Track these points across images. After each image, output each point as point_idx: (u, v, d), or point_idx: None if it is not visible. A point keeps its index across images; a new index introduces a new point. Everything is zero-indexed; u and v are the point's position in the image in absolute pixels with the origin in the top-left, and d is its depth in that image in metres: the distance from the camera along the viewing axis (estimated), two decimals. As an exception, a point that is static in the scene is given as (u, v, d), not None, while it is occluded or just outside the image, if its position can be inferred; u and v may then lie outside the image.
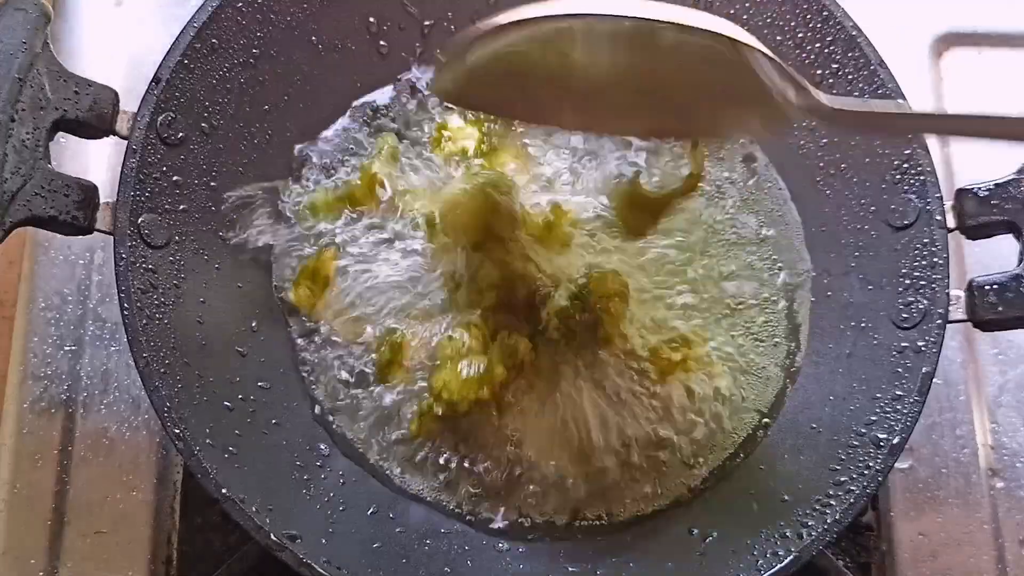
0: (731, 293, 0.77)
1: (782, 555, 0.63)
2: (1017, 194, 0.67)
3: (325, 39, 0.78)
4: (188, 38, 0.69)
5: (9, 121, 0.61)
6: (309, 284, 0.75)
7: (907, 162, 0.70)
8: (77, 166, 0.82)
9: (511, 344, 0.70)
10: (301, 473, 0.70)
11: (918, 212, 0.69)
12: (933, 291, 0.67)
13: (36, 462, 0.77)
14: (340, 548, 0.65)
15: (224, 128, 0.73)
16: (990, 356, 0.83)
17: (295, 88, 0.77)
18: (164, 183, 0.68)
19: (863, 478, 0.64)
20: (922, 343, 0.67)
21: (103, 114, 0.66)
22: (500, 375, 0.70)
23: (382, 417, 0.73)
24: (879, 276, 0.72)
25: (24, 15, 0.63)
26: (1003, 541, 0.78)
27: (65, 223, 0.64)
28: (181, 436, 0.62)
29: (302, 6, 0.75)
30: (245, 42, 0.73)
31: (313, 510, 0.68)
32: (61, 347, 0.80)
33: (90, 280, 0.82)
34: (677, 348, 0.74)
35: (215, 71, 0.71)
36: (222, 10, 0.70)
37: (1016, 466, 0.80)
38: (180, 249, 0.69)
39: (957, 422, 0.81)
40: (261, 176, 0.76)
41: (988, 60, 0.92)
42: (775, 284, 0.77)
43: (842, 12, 0.73)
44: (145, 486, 0.77)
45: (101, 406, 0.79)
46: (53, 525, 0.76)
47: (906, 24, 0.93)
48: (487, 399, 0.70)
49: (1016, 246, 0.67)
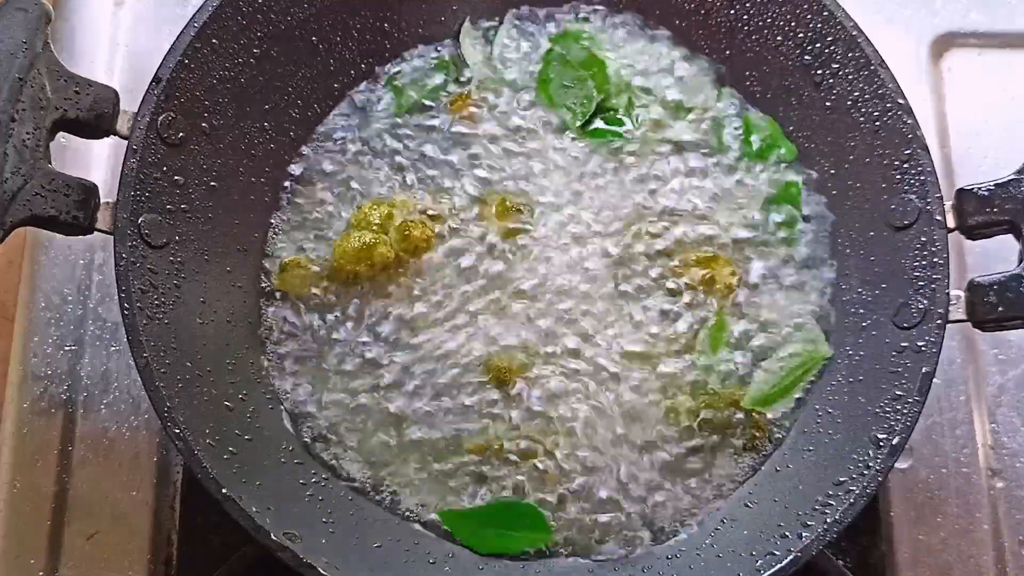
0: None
1: (781, 555, 0.63)
2: (1017, 194, 0.67)
3: (325, 39, 0.78)
4: (188, 38, 0.69)
5: (9, 121, 0.61)
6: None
7: (907, 162, 0.70)
8: (77, 166, 0.82)
9: (403, 226, 0.74)
10: (301, 473, 0.70)
11: (918, 212, 0.69)
12: (933, 291, 0.67)
13: (36, 462, 0.77)
14: (340, 548, 0.65)
15: (224, 128, 0.73)
16: (990, 356, 0.83)
17: (295, 88, 0.77)
18: (164, 183, 0.68)
19: (863, 478, 0.64)
20: (922, 343, 0.67)
21: (103, 114, 0.66)
22: (383, 254, 0.73)
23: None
24: (879, 276, 0.72)
25: (24, 15, 0.63)
26: (1003, 541, 0.78)
27: (65, 223, 0.64)
28: (181, 436, 0.62)
29: (302, 6, 0.75)
30: (245, 42, 0.73)
31: (313, 510, 0.68)
32: (61, 347, 0.80)
33: (90, 280, 0.82)
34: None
35: (215, 71, 0.71)
36: (222, 10, 0.70)
37: (1016, 466, 0.80)
38: (180, 249, 0.69)
39: (957, 422, 0.81)
40: (261, 176, 0.76)
41: (988, 60, 0.92)
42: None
43: (842, 12, 0.73)
44: (145, 486, 0.77)
45: (101, 406, 0.79)
46: (53, 525, 0.76)
47: (906, 24, 0.93)
48: (365, 273, 0.74)
49: (1016, 246, 0.67)
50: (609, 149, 0.79)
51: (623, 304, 0.75)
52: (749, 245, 0.77)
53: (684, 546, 0.70)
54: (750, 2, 0.78)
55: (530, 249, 0.76)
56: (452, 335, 0.74)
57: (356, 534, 0.68)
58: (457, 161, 0.79)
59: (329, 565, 0.61)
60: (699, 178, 0.79)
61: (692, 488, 0.72)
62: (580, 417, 0.73)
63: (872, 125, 0.72)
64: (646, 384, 0.74)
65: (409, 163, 0.79)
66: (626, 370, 0.74)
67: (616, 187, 0.78)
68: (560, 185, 0.78)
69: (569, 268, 0.76)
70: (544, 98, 0.80)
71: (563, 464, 0.72)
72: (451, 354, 0.74)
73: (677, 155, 0.79)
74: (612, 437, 0.73)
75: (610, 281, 0.76)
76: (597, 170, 0.79)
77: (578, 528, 0.71)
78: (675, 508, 0.72)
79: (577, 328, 0.74)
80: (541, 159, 0.79)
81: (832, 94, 0.75)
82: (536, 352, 0.74)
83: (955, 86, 0.91)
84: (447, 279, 0.75)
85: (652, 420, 0.73)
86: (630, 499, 0.72)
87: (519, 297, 0.75)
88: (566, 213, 0.77)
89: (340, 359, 0.74)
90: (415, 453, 0.72)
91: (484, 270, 0.76)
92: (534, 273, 0.76)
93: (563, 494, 0.71)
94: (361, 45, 0.80)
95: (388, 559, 0.68)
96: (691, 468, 0.73)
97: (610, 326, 0.75)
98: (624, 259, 0.76)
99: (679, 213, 0.78)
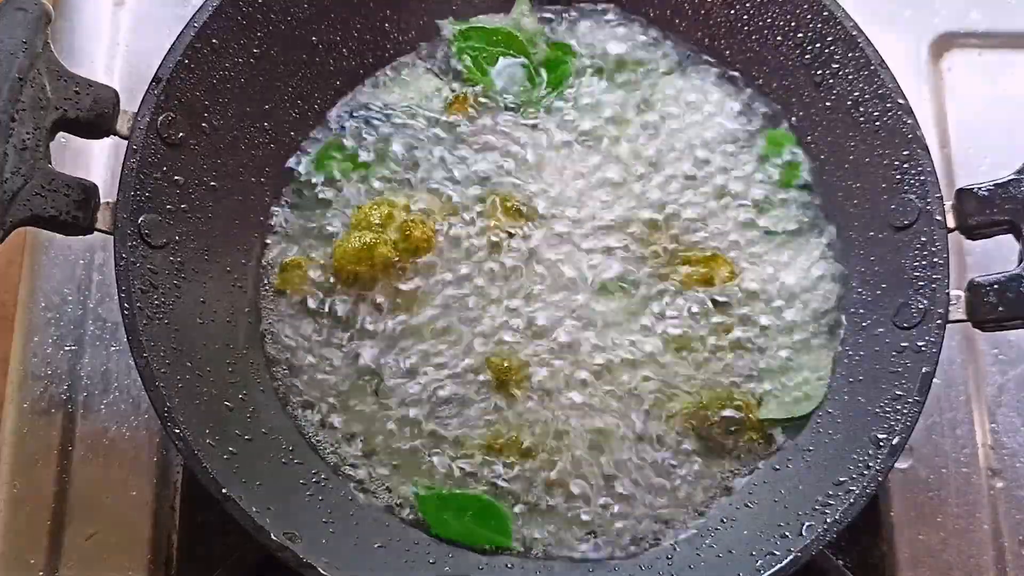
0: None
1: (781, 555, 0.63)
2: (1017, 194, 0.67)
3: (325, 39, 0.78)
4: (188, 38, 0.69)
5: (9, 121, 0.61)
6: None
7: (907, 162, 0.70)
8: (77, 166, 0.82)
9: (403, 226, 0.73)
10: (301, 473, 0.70)
11: (918, 212, 0.69)
12: (933, 291, 0.67)
13: (36, 462, 0.77)
14: (340, 548, 0.65)
15: (224, 128, 0.73)
16: (990, 356, 0.83)
17: (295, 88, 0.77)
18: (164, 183, 0.68)
19: (863, 478, 0.64)
20: (922, 343, 0.67)
21: (103, 114, 0.66)
22: (384, 254, 0.73)
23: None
24: (879, 276, 0.72)
25: (24, 15, 0.63)
26: (1003, 541, 0.78)
27: (65, 223, 0.64)
28: (181, 436, 0.62)
29: (302, 6, 0.75)
30: (245, 42, 0.73)
31: (313, 510, 0.68)
32: (61, 347, 0.80)
33: (90, 280, 0.82)
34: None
35: (215, 71, 0.71)
36: (223, 10, 0.70)
37: (1016, 466, 0.80)
38: (180, 249, 0.69)
39: (957, 422, 0.81)
40: (261, 176, 0.76)
41: (988, 60, 0.92)
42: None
43: (842, 12, 0.73)
44: (145, 486, 0.77)
45: (101, 406, 0.79)
46: (53, 525, 0.76)
47: (906, 24, 0.93)
48: (365, 273, 0.74)
49: (1016, 246, 0.67)
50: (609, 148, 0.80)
51: (623, 304, 0.75)
52: (749, 246, 0.77)
53: (684, 546, 0.70)
54: (750, 2, 0.78)
55: (531, 249, 0.76)
56: (452, 335, 0.74)
57: (356, 534, 0.68)
58: (458, 161, 0.79)
59: (329, 565, 0.61)
60: (701, 179, 0.79)
61: (692, 488, 0.72)
62: (578, 417, 0.73)
63: (872, 125, 0.72)
64: (645, 384, 0.74)
65: (410, 163, 0.79)
66: (625, 370, 0.74)
67: (617, 187, 0.78)
68: (560, 184, 0.78)
69: (569, 268, 0.76)
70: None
71: (562, 464, 0.72)
72: (452, 353, 0.74)
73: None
74: (611, 437, 0.72)
75: (610, 281, 0.76)
76: (598, 170, 0.79)
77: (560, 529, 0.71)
78: (675, 508, 0.72)
79: (577, 328, 0.74)
80: (541, 159, 0.79)
81: (832, 94, 0.75)
82: (536, 352, 0.74)
83: (955, 86, 0.91)
84: (447, 279, 0.75)
85: (651, 420, 0.73)
86: (630, 499, 0.72)
87: (519, 296, 0.75)
88: (566, 213, 0.77)
89: (340, 359, 0.74)
90: (415, 452, 0.72)
91: (484, 270, 0.76)
92: (534, 273, 0.76)
93: (556, 494, 0.71)
94: (361, 45, 0.80)
95: (388, 559, 0.68)
96: (691, 468, 0.73)
97: (610, 326, 0.75)
98: (624, 259, 0.76)
99: (679, 213, 0.78)
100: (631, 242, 0.77)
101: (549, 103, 0.81)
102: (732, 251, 0.77)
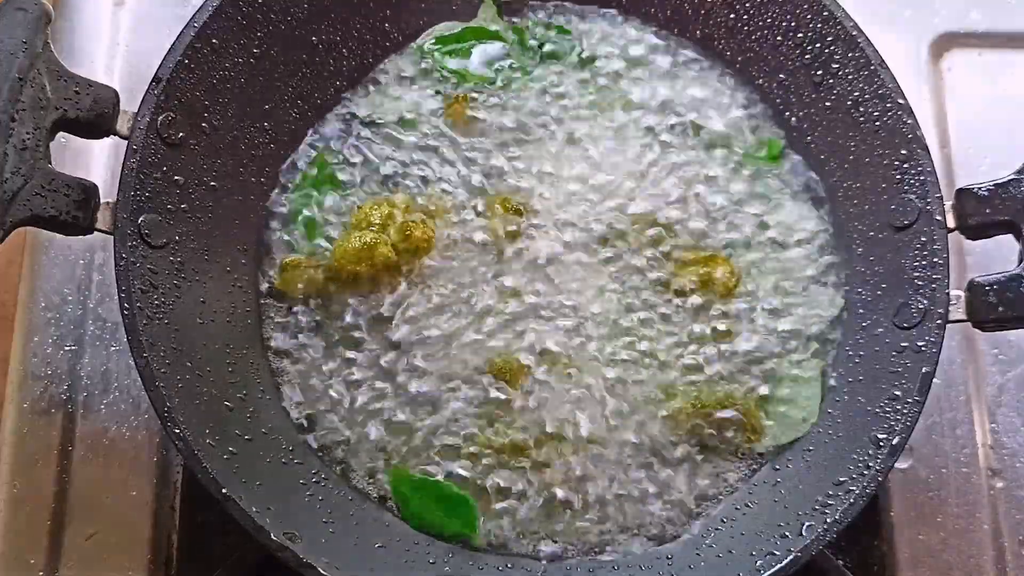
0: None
1: (781, 555, 0.63)
2: (1017, 194, 0.67)
3: (325, 39, 0.78)
4: (188, 38, 0.69)
5: (9, 121, 0.61)
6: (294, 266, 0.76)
7: (907, 162, 0.70)
8: (77, 166, 0.82)
9: (403, 227, 0.74)
10: (301, 473, 0.70)
11: (918, 212, 0.69)
12: (933, 291, 0.67)
13: (36, 462, 0.77)
14: (340, 548, 0.65)
15: (224, 128, 0.73)
16: (990, 356, 0.83)
17: (295, 88, 0.77)
18: (164, 183, 0.68)
19: (863, 478, 0.64)
20: (922, 343, 0.67)
21: (103, 114, 0.66)
22: (384, 254, 0.73)
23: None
24: (879, 276, 0.72)
25: (24, 15, 0.63)
26: (1003, 541, 0.78)
27: (65, 223, 0.64)
28: (181, 436, 0.62)
29: (302, 6, 0.75)
30: (245, 42, 0.73)
31: (313, 510, 0.68)
32: (61, 347, 0.80)
33: (90, 280, 0.82)
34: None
35: (215, 71, 0.71)
36: (223, 10, 0.70)
37: (1016, 466, 0.80)
38: (180, 249, 0.69)
39: (957, 422, 0.81)
40: (261, 176, 0.76)
41: (988, 60, 0.92)
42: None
43: (842, 12, 0.73)
44: (145, 486, 0.77)
45: (101, 406, 0.79)
46: (53, 525, 0.76)
47: (906, 24, 0.93)
48: (365, 273, 0.74)
49: (1016, 246, 0.67)
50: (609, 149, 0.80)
51: (623, 304, 0.75)
52: (749, 246, 0.77)
53: (684, 546, 0.70)
54: (750, 2, 0.78)
55: (531, 249, 0.76)
56: (452, 335, 0.74)
57: (356, 534, 0.68)
58: (458, 161, 0.79)
59: (329, 565, 0.61)
60: (700, 180, 0.79)
61: (691, 488, 0.72)
62: (579, 417, 0.73)
63: (872, 125, 0.72)
64: (644, 385, 0.74)
65: (410, 163, 0.79)
66: (625, 370, 0.74)
67: (616, 187, 0.78)
68: (561, 184, 0.78)
69: (569, 268, 0.76)
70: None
71: (562, 463, 0.72)
72: (451, 354, 0.74)
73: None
74: (611, 437, 0.73)
75: (610, 281, 0.76)
76: (597, 170, 0.79)
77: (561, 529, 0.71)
78: (674, 508, 0.72)
79: (577, 328, 0.74)
80: (541, 159, 0.79)
81: (832, 94, 0.75)
82: (536, 352, 0.74)
83: (955, 86, 0.91)
84: (448, 279, 0.75)
85: (651, 421, 0.73)
86: (630, 500, 0.72)
87: (519, 296, 0.75)
88: (567, 213, 0.77)
89: (340, 359, 0.74)
90: (416, 452, 0.72)
91: (485, 270, 0.76)
92: (534, 272, 0.76)
93: (556, 494, 0.71)
94: (361, 45, 0.80)
95: (388, 559, 0.68)
96: (690, 469, 0.73)
97: (609, 326, 0.75)
98: (624, 259, 0.76)
99: (679, 214, 0.78)
100: (630, 242, 0.77)
101: (542, 71, 0.81)
102: (731, 251, 0.77)
